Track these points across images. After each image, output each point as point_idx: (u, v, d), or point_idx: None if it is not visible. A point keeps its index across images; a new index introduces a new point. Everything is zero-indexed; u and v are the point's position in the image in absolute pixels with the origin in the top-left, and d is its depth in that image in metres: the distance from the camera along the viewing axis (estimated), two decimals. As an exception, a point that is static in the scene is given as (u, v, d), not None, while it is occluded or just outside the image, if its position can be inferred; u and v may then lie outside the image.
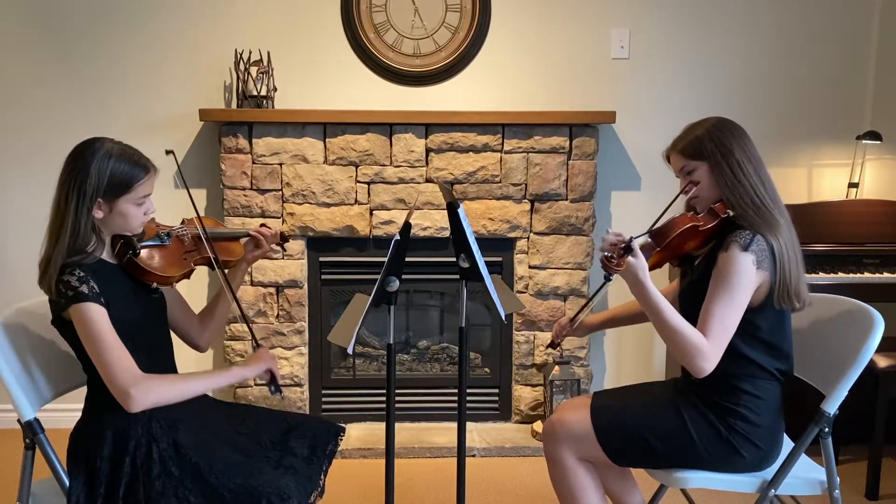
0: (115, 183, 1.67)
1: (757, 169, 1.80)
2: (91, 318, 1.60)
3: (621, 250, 1.65)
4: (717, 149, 1.79)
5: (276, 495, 1.61)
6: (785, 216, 1.80)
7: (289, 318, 3.22)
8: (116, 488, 1.64)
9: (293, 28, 3.23)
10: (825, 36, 3.32)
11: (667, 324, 1.71)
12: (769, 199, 1.78)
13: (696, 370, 1.70)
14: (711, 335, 1.69)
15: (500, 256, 3.26)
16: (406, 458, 3.05)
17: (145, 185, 1.72)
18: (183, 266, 1.85)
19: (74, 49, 3.20)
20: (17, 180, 3.27)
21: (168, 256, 1.83)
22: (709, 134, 1.82)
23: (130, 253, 1.73)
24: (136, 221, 1.73)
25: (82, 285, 1.61)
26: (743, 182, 1.77)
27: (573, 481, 1.89)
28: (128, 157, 1.70)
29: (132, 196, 1.70)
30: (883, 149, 3.30)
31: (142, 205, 1.73)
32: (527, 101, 3.28)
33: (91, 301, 1.61)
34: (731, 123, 1.84)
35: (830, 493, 1.82)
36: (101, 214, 1.69)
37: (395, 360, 1.74)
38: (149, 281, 1.78)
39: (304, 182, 3.14)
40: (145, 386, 1.59)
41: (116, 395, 1.60)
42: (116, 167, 1.68)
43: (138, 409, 1.60)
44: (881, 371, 2.60)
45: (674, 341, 1.71)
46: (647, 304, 1.72)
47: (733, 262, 1.71)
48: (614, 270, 1.66)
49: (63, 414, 2.02)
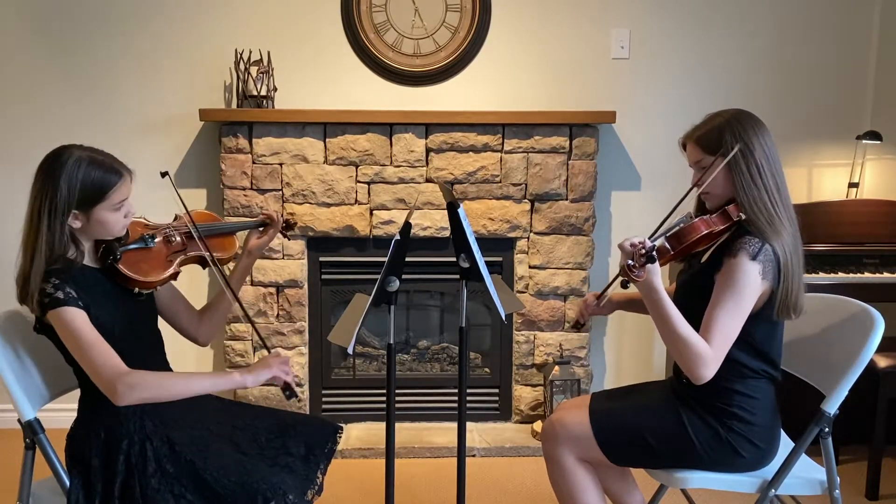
0: (87, 192, 1.63)
1: (774, 171, 1.76)
2: (69, 320, 1.58)
3: (642, 258, 1.61)
4: (737, 145, 1.74)
5: (271, 492, 1.61)
6: (794, 222, 1.78)
7: (289, 318, 3.22)
8: (112, 487, 1.64)
9: (293, 28, 3.23)
10: (825, 36, 3.32)
11: (675, 332, 1.69)
12: (782, 205, 1.75)
13: (696, 377, 1.69)
14: (714, 343, 1.68)
15: (500, 256, 3.26)
16: (406, 458, 3.05)
17: (120, 190, 1.67)
18: (166, 268, 1.80)
19: (74, 49, 3.20)
20: (18, 180, 3.25)
21: (151, 260, 1.78)
22: (730, 126, 1.76)
23: (111, 259, 1.69)
24: (116, 227, 1.70)
25: (57, 291, 1.59)
26: (759, 185, 1.74)
27: (573, 481, 1.89)
28: (98, 164, 1.65)
29: (108, 203, 1.66)
30: (883, 149, 3.29)
31: (119, 209, 1.69)
32: (527, 101, 3.28)
33: (67, 305, 1.59)
34: (752, 117, 1.79)
35: (830, 493, 1.82)
36: (78, 224, 1.66)
37: (395, 360, 1.73)
38: (130, 286, 1.75)
39: (304, 182, 3.14)
40: (131, 379, 1.57)
41: (104, 390, 1.58)
42: (88, 176, 1.63)
43: (124, 401, 1.57)
44: (881, 371, 2.60)
45: (678, 349, 1.70)
46: (659, 311, 1.70)
47: (741, 271, 1.69)
48: (636, 280, 1.63)
49: (63, 414, 2.01)
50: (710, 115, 1.84)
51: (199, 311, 2.02)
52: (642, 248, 1.61)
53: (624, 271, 1.62)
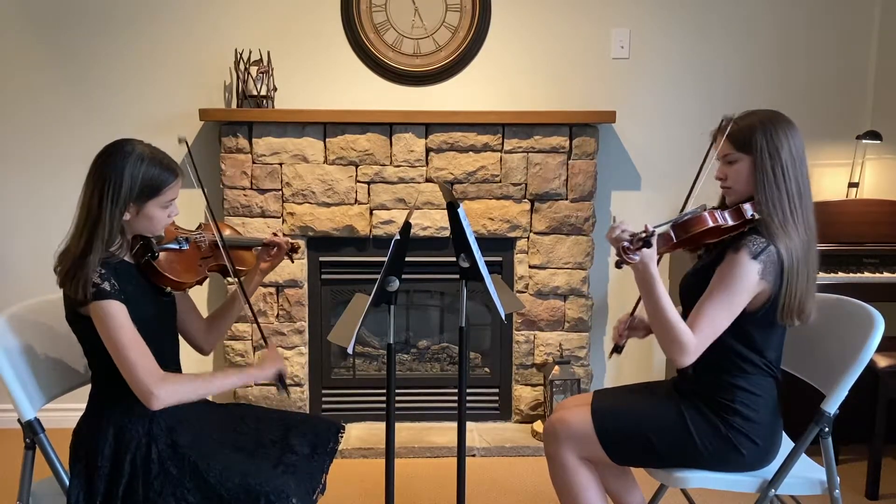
0: (145, 186, 1.68)
1: (798, 175, 1.76)
2: (114, 314, 1.61)
3: (640, 242, 1.62)
4: (766, 146, 1.76)
5: (274, 494, 1.61)
6: (811, 230, 1.78)
7: (289, 317, 3.22)
8: (116, 488, 1.65)
9: (293, 28, 3.23)
10: (825, 36, 3.32)
11: (663, 316, 1.72)
12: (800, 210, 1.76)
13: (676, 362, 1.74)
14: (699, 332, 1.71)
15: (500, 256, 3.26)
16: (406, 457, 3.05)
17: (173, 188, 1.73)
18: (198, 273, 1.86)
19: (74, 50, 3.20)
20: (18, 181, 3.27)
21: (184, 262, 1.83)
22: (762, 126, 1.77)
23: (149, 256, 1.73)
24: (160, 224, 1.75)
25: (104, 282, 1.62)
26: (781, 188, 1.75)
27: (573, 481, 1.89)
28: (158, 161, 1.71)
29: (160, 200, 1.71)
30: (883, 148, 3.29)
31: (167, 208, 1.74)
32: (527, 101, 3.28)
33: (113, 298, 1.61)
34: (786, 119, 1.80)
35: (830, 492, 1.82)
36: (128, 216, 1.70)
37: (395, 360, 1.74)
38: (163, 284, 1.79)
39: (304, 182, 3.14)
40: (169, 385, 1.62)
41: (140, 393, 1.60)
42: (148, 171, 1.68)
43: (161, 406, 1.62)
44: (881, 371, 2.60)
45: (663, 333, 1.73)
46: (650, 293, 1.72)
47: (738, 267, 1.70)
48: (629, 262, 1.64)
49: (63, 414, 2.02)
50: (746, 112, 1.85)
51: (205, 320, 2.05)
52: (642, 233, 1.62)
53: (619, 251, 1.64)
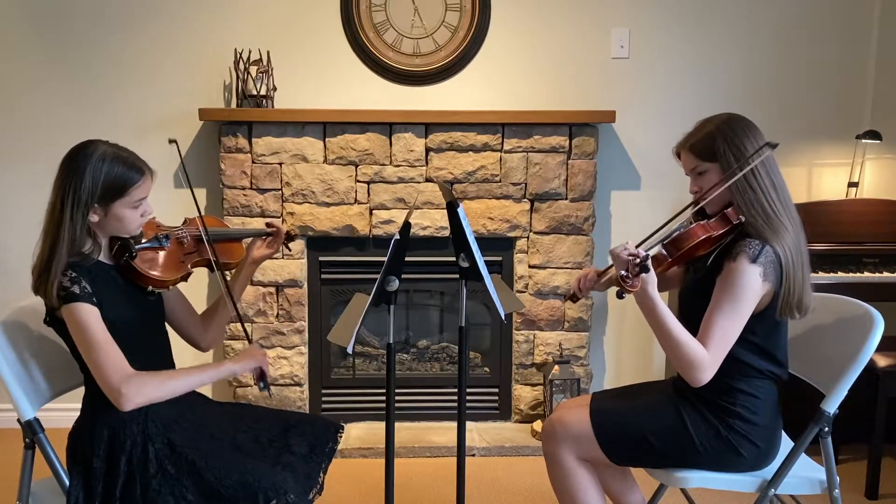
0: (109, 187, 1.66)
1: (769, 171, 1.76)
2: (81, 317, 1.60)
3: (636, 268, 1.61)
4: (729, 150, 1.76)
5: (272, 491, 1.61)
6: (795, 221, 1.78)
7: (288, 317, 3.22)
8: (113, 487, 1.65)
9: (293, 28, 3.23)
10: (825, 35, 3.32)
11: (671, 336, 1.70)
12: (780, 205, 1.75)
13: (693, 381, 1.70)
14: (712, 346, 1.69)
15: (499, 256, 3.26)
16: (406, 457, 3.05)
17: (141, 188, 1.70)
18: (180, 269, 1.84)
19: (74, 49, 3.20)
20: (18, 180, 3.26)
21: (165, 260, 1.81)
22: (721, 132, 1.78)
23: (126, 256, 1.71)
24: (132, 224, 1.72)
25: (73, 285, 1.61)
26: (755, 188, 1.74)
27: (573, 481, 1.89)
28: (122, 160, 1.68)
29: (127, 200, 1.68)
30: (883, 148, 3.30)
31: (138, 207, 1.71)
32: (526, 101, 3.28)
33: (82, 301, 1.60)
34: (743, 120, 1.80)
35: (830, 492, 1.82)
36: (96, 218, 1.68)
37: (394, 360, 1.74)
38: (144, 284, 1.78)
39: (303, 182, 3.14)
40: (135, 383, 1.59)
41: (108, 393, 1.60)
42: (111, 171, 1.65)
43: (130, 407, 1.60)
44: (881, 371, 2.60)
45: (675, 353, 1.71)
46: (654, 317, 1.70)
47: (741, 274, 1.69)
48: (630, 291, 1.63)
49: (63, 414, 2.01)
50: (701, 121, 1.85)
51: (200, 316, 2.03)
52: (636, 258, 1.61)
53: (618, 282, 1.62)
